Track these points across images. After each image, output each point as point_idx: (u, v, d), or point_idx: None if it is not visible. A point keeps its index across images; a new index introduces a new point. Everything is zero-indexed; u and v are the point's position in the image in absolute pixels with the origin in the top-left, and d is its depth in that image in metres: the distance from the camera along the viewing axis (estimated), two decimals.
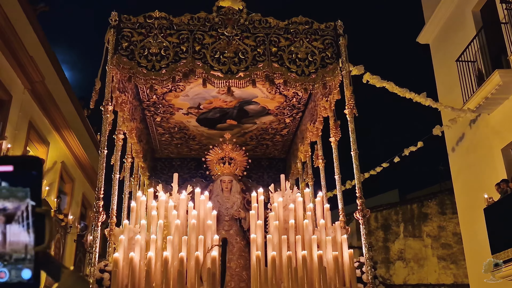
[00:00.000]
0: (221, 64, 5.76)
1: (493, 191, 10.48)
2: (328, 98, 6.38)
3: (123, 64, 5.68)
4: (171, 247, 5.34)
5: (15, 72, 10.30)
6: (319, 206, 6.18)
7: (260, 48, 5.89)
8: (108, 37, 5.80)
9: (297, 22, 6.11)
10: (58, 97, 12.59)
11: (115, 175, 6.02)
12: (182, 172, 8.75)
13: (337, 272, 5.23)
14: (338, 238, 5.63)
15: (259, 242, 5.54)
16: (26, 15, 11.06)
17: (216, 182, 7.54)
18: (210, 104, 7.49)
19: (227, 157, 7.52)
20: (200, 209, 5.99)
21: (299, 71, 5.85)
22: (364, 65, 9.83)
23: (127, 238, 5.38)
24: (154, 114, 7.73)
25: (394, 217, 17.01)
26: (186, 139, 8.57)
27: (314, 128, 7.00)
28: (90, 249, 5.61)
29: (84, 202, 15.73)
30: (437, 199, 16.93)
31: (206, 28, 5.94)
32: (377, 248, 16.60)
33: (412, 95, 10.84)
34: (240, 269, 6.74)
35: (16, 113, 10.41)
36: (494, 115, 11.46)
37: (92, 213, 5.24)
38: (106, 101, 5.61)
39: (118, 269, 5.14)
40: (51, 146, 12.63)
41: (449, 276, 16.00)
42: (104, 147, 5.50)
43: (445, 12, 13.59)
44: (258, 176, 8.96)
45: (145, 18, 5.92)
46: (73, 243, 14.33)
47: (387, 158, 12.64)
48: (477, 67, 11.79)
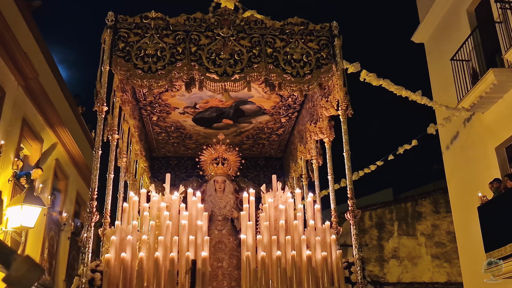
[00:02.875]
0: (216, 66, 5.81)
1: (487, 189, 10.63)
2: (328, 98, 6.48)
3: (120, 66, 5.73)
4: (162, 248, 5.47)
5: (9, 68, 10.26)
6: (310, 207, 6.30)
7: (256, 49, 5.94)
8: (105, 37, 5.84)
9: (292, 23, 6.15)
10: (52, 94, 12.57)
11: (110, 175, 6.08)
12: (179, 171, 8.94)
13: (325, 272, 5.38)
14: (327, 238, 5.77)
15: (250, 242, 5.67)
16: (21, 11, 11.03)
17: (210, 182, 7.69)
18: (207, 104, 7.59)
19: (220, 158, 7.67)
20: (192, 210, 6.11)
21: (294, 72, 5.90)
22: (359, 63, 9.93)
23: (118, 238, 5.49)
24: (150, 113, 7.85)
25: (388, 215, 17.18)
26: (182, 138, 8.68)
27: (317, 128, 7.06)
28: (83, 249, 5.72)
29: (78, 199, 15.72)
30: (431, 197, 17.14)
31: (202, 29, 5.99)
32: (371, 246, 16.80)
33: (408, 93, 10.92)
34: (232, 269, 6.86)
35: (10, 110, 10.39)
36: (488, 114, 11.60)
37: (86, 213, 5.33)
38: (101, 101, 5.66)
39: (110, 269, 5.24)
40: (45, 143, 12.60)
41: (442, 275, 16.21)
42: (99, 148, 5.57)
43: (439, 12, 13.73)
44: (254, 175, 9.10)
45: (141, 18, 5.96)
46: (67, 240, 14.37)
47: (381, 156, 12.71)
48: (471, 66, 11.93)
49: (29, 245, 11.04)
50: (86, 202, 16.08)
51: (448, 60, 12.40)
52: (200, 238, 5.66)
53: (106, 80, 5.72)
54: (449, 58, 12.39)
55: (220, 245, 7.05)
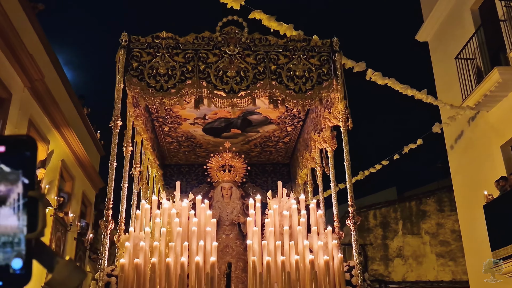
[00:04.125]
0: (224, 83, 6.29)
1: (492, 188, 10.79)
2: (330, 110, 6.90)
3: (134, 85, 6.24)
4: (173, 253, 6.00)
5: (15, 71, 10.58)
6: (313, 213, 6.81)
7: (261, 66, 6.41)
8: (119, 56, 6.35)
9: (295, 40, 6.64)
10: (58, 96, 12.93)
11: (124, 185, 6.53)
12: (190, 178, 9.54)
13: (327, 276, 5.89)
14: (329, 243, 6.28)
15: (256, 248, 6.20)
16: (26, 13, 11.36)
17: (217, 188, 8.24)
18: (215, 115, 8.12)
19: (227, 165, 8.24)
20: (200, 216, 6.62)
21: (297, 89, 6.37)
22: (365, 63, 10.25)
23: (132, 244, 6.03)
24: (162, 124, 8.39)
25: (392, 214, 17.41)
26: (193, 147, 9.26)
27: (320, 137, 7.51)
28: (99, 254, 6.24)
29: (84, 200, 16.05)
30: (435, 196, 17.29)
31: (210, 47, 6.48)
32: (375, 245, 17.04)
33: (414, 92, 11.09)
34: (239, 271, 7.40)
35: (16, 111, 10.70)
36: (493, 112, 11.71)
37: (102, 222, 5.86)
38: (115, 117, 6.21)
39: (124, 274, 5.79)
40: (51, 144, 12.93)
41: (447, 273, 16.41)
42: (114, 160, 6.09)
43: (443, 10, 13.85)
44: (262, 181, 9.66)
45: (153, 38, 6.47)
46: (73, 241, 14.72)
47: (386, 155, 12.92)
48: (476, 64, 12.01)
49: None
50: (92, 203, 16.64)
51: (453, 59, 12.50)
52: (209, 244, 6.19)
53: (120, 97, 6.25)
54: (453, 57, 12.49)
55: (227, 249, 7.61)
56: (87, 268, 15.97)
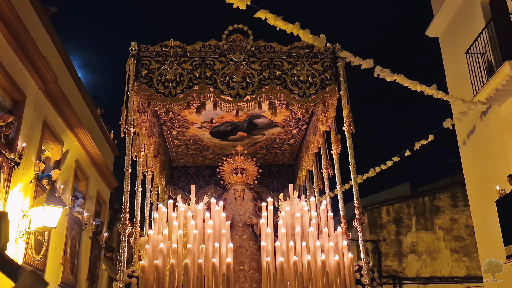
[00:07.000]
0: (230, 88, 6.69)
1: (505, 182, 10.85)
2: (326, 114, 7.32)
3: (143, 91, 6.65)
4: (190, 255, 6.39)
5: (29, 73, 10.76)
6: (323, 214, 7.17)
7: (266, 72, 6.80)
8: (129, 64, 6.78)
9: (298, 47, 7.01)
10: (72, 97, 13.15)
11: (138, 189, 6.95)
12: (198, 179, 9.99)
13: (338, 276, 6.27)
14: (339, 244, 6.64)
15: (269, 249, 6.59)
16: (40, 17, 11.60)
17: (230, 191, 8.63)
18: (222, 119, 8.52)
19: (239, 168, 8.62)
20: (215, 219, 7.01)
21: (301, 93, 6.76)
22: (373, 59, 10.48)
23: (151, 247, 6.43)
24: (170, 128, 8.82)
25: (406, 210, 17.65)
26: (200, 150, 9.70)
27: (315, 140, 8.00)
28: (118, 256, 6.63)
29: (98, 199, 16.25)
30: (449, 191, 17.52)
31: (217, 55, 6.88)
32: (389, 241, 17.30)
33: (423, 87, 11.20)
34: (253, 271, 7.78)
35: (31, 113, 10.85)
36: (505, 106, 11.74)
37: (120, 226, 6.27)
38: (129, 124, 6.63)
39: (145, 275, 6.21)
40: (65, 145, 13.13)
41: (462, 269, 16.65)
42: (129, 166, 6.50)
43: (453, 5, 13.91)
44: (268, 182, 10.14)
45: (161, 47, 6.89)
46: (89, 240, 14.99)
47: (398, 151, 13.08)
48: (486, 58, 12.03)
49: (52, 245, 11.64)
50: (106, 202, 16.98)
51: (463, 54, 12.56)
52: (224, 246, 6.57)
53: (132, 104, 6.67)
54: (464, 52, 12.55)
55: (241, 250, 7.98)
56: (103, 266, 16.33)
